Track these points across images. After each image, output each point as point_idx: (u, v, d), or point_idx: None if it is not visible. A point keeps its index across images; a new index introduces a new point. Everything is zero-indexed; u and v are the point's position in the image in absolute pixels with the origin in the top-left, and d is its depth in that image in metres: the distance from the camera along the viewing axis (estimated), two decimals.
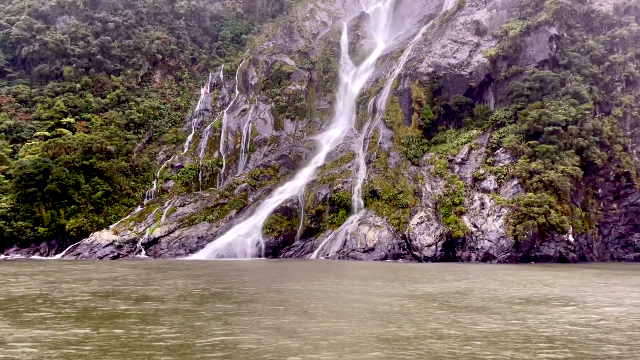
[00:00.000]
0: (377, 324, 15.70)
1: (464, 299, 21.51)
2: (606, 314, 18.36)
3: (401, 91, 68.69)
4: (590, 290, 25.86)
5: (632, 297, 23.20)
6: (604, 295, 23.76)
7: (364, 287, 26.33)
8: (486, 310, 18.46)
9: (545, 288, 26.44)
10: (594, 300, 21.86)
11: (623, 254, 59.20)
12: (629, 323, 16.49)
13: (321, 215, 60.44)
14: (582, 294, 23.98)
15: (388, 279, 31.12)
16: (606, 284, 30.10)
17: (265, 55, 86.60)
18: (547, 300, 21.77)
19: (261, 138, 76.33)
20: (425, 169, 62.71)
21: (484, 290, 24.99)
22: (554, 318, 17.12)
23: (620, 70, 63.08)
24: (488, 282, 29.67)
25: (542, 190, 54.37)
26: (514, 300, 21.60)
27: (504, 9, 68.66)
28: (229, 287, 25.67)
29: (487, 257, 51.93)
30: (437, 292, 23.87)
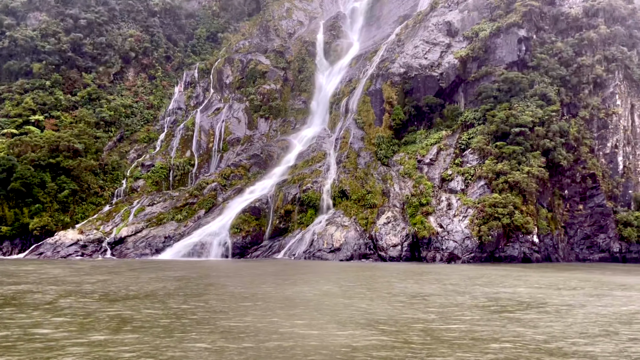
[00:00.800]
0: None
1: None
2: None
3: (373, 91, 68.77)
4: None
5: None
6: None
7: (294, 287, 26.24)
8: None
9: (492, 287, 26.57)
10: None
11: (588, 254, 59.80)
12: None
13: (290, 215, 60.30)
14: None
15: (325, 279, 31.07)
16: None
17: (241, 54, 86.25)
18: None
19: (234, 137, 75.96)
20: (395, 170, 62.84)
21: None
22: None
23: (588, 72, 63.67)
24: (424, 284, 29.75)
25: (507, 191, 54.78)
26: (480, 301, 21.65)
27: (475, 11, 69.03)
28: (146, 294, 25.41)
29: (451, 258, 52.15)
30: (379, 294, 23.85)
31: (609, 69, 64.22)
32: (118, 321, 15.56)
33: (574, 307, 20.09)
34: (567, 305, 20.71)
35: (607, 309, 19.97)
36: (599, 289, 27.31)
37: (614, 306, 20.79)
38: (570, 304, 20.93)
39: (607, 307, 20.47)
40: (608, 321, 17.14)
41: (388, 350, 12.38)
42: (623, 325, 16.42)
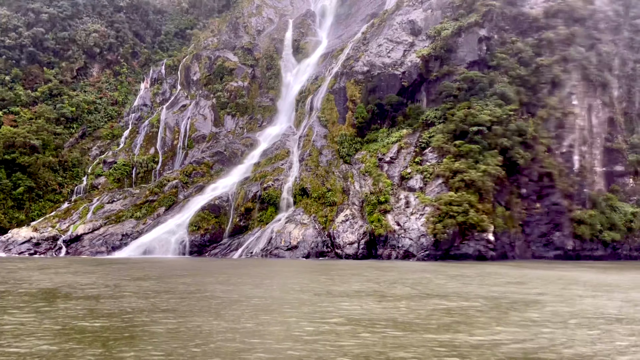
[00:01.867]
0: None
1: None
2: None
3: (337, 90, 68.93)
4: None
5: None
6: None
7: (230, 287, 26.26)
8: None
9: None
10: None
11: (544, 252, 60.76)
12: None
13: (250, 213, 60.21)
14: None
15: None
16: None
17: (209, 50, 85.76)
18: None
19: (200, 134, 75.56)
20: (356, 168, 63.11)
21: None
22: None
23: (546, 72, 64.58)
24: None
25: (464, 189, 55.32)
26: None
27: (438, 10, 69.54)
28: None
29: (407, 255, 52.60)
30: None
31: (567, 70, 65.25)
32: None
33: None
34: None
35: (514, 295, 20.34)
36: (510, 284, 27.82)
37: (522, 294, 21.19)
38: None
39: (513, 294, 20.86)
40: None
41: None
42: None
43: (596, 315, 18.64)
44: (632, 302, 22.39)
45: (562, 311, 19.18)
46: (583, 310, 19.46)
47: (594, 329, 15.99)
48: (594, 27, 70.87)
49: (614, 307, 20.64)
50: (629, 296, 24.59)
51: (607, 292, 25.77)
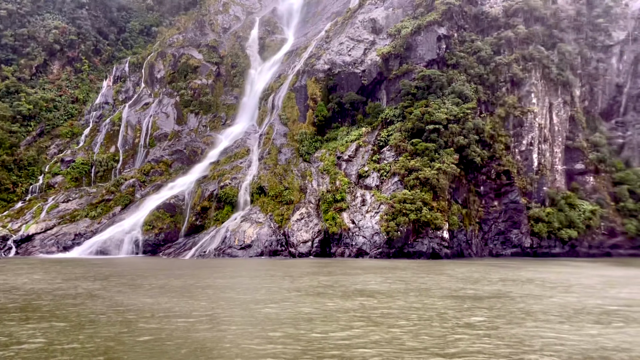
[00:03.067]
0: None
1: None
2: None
3: (298, 88, 68.48)
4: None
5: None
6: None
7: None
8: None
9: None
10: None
11: (502, 249, 60.89)
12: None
13: (207, 212, 59.57)
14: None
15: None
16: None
17: (174, 48, 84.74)
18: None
19: (162, 132, 74.55)
20: (315, 166, 62.72)
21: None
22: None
23: (505, 71, 64.73)
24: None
25: (419, 187, 55.18)
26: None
27: (400, 8, 69.41)
28: None
29: (360, 253, 52.35)
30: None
31: (526, 68, 65.45)
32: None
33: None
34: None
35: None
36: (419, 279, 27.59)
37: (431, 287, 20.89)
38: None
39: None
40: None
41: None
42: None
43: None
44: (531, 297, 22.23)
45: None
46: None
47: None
48: (556, 27, 71.26)
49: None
50: (564, 292, 24.47)
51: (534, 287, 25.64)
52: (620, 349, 13.44)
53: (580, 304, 20.85)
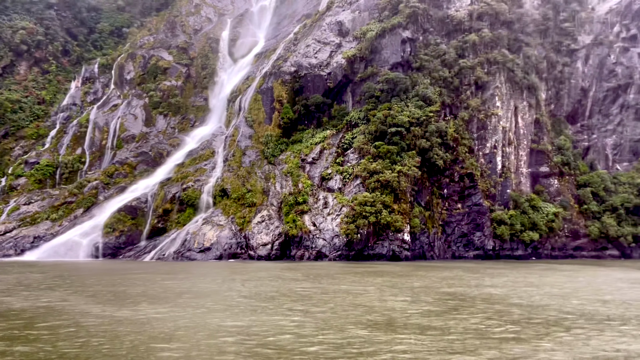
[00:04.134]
0: None
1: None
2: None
3: (265, 90, 68.38)
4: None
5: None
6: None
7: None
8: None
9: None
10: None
11: (464, 252, 61.22)
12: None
13: (169, 214, 59.24)
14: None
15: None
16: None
17: (144, 49, 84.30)
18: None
19: (129, 134, 74.02)
20: (279, 168, 62.64)
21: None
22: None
23: (469, 74, 65.17)
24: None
25: (380, 189, 55.34)
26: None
27: (366, 11, 69.65)
28: None
29: (319, 256, 52.36)
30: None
31: (490, 72, 65.97)
32: None
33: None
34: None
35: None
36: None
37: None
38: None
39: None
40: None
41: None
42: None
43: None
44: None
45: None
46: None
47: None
48: (521, 31, 71.94)
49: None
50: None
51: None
52: None
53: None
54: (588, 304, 21.44)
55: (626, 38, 75.63)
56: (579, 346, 13.74)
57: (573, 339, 14.59)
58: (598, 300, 22.71)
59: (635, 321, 17.63)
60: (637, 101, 74.24)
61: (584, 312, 19.42)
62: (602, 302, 22.10)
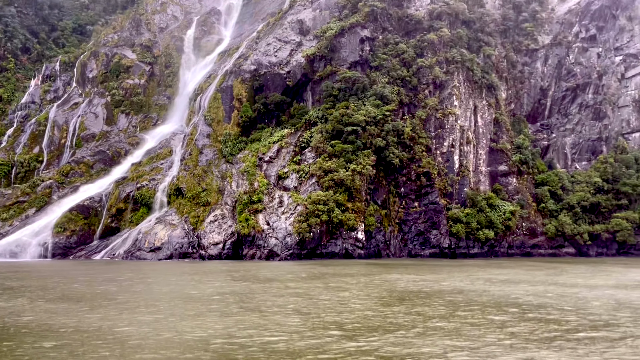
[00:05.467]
0: None
1: None
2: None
3: (225, 88, 68.02)
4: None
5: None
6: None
7: None
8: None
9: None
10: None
11: (420, 250, 61.46)
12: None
13: (122, 213, 58.66)
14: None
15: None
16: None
17: (108, 47, 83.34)
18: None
19: (90, 133, 73.13)
20: (237, 167, 62.31)
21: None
22: None
23: (427, 73, 65.45)
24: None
25: (334, 188, 55.31)
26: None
27: (327, 10, 69.65)
28: None
29: (271, 255, 52.16)
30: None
31: (449, 71, 66.31)
32: None
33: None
34: None
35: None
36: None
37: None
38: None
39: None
40: None
41: None
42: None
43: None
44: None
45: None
46: None
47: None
48: (481, 30, 72.41)
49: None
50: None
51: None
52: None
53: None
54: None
55: (585, 38, 76.64)
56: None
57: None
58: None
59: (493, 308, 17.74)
60: (595, 101, 75.29)
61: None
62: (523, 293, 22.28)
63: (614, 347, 13.18)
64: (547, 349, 12.80)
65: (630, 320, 16.98)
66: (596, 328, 15.64)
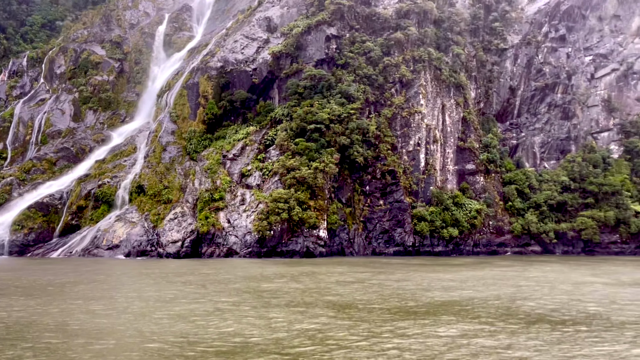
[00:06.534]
0: None
1: None
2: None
3: (191, 85, 67.43)
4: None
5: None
6: None
7: None
8: None
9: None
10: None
11: (385, 248, 61.32)
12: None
13: (83, 211, 57.94)
14: None
15: None
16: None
17: (77, 43, 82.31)
18: None
19: (56, 130, 72.19)
20: (201, 165, 61.80)
21: None
22: None
23: (394, 72, 65.29)
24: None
25: (296, 186, 55.00)
26: None
27: (294, 7, 69.31)
28: None
29: (230, 253, 51.83)
30: None
31: (415, 70, 66.21)
32: None
33: None
34: None
35: None
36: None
37: None
38: None
39: None
40: None
41: None
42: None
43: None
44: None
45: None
46: None
47: None
48: (451, 29, 72.33)
49: None
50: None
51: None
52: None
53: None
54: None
55: (555, 38, 76.94)
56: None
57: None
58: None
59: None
60: (565, 101, 75.68)
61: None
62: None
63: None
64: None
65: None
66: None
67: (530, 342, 14.66)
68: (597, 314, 19.89)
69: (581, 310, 20.52)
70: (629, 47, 78.11)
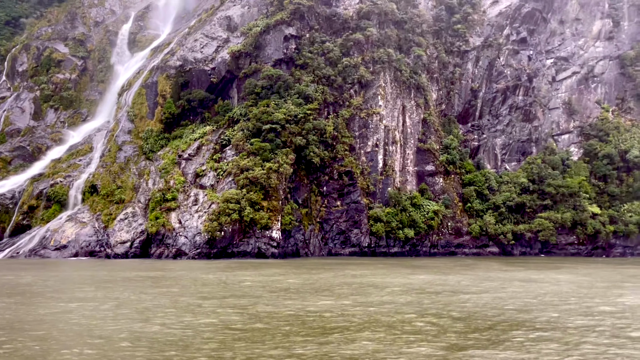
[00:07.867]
0: None
1: None
2: None
3: (149, 84, 67.09)
4: None
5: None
6: None
7: None
8: None
9: None
10: None
11: (341, 249, 61.54)
12: None
13: (34, 211, 57.38)
14: None
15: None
16: None
17: (40, 41, 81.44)
18: None
19: (14, 128, 71.42)
20: (156, 164, 61.47)
21: None
22: None
23: (353, 72, 65.40)
24: None
25: (249, 186, 54.90)
26: None
27: (255, 7, 69.21)
28: None
29: (178, 254, 51.63)
30: None
31: (375, 71, 66.42)
32: None
33: None
34: None
35: None
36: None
37: None
38: None
39: None
40: None
41: None
42: None
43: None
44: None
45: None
46: None
47: None
48: (412, 31, 72.61)
49: None
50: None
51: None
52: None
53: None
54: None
55: (516, 41, 77.60)
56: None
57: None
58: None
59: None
60: (526, 103, 76.43)
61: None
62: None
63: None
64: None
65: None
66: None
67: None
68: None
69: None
70: (589, 50, 79.11)
